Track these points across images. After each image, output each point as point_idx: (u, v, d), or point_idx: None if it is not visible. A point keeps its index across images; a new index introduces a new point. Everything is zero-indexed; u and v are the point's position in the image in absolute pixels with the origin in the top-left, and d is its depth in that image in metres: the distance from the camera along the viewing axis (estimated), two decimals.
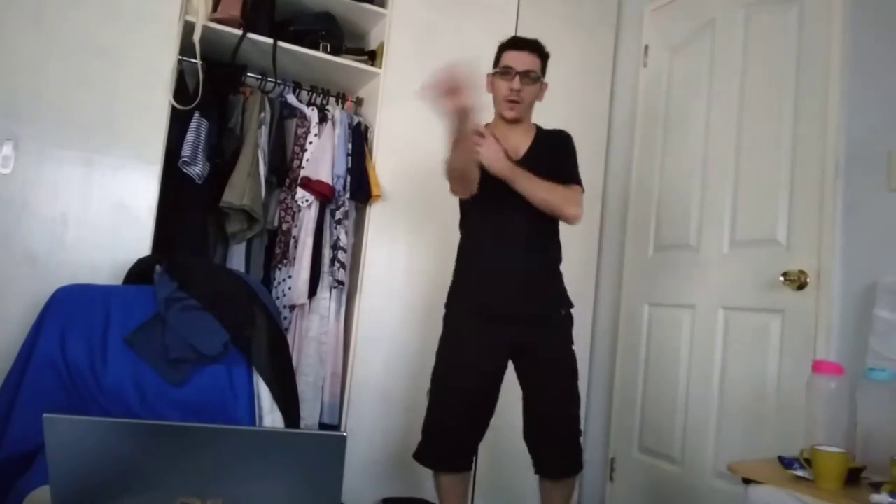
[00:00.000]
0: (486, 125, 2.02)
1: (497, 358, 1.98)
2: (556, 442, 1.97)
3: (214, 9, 2.29)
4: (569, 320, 2.05)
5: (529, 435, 2.00)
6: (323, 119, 2.49)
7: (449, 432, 1.97)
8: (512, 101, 1.96)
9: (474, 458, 2.05)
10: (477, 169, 1.87)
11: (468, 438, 1.99)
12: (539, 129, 2.09)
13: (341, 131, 2.48)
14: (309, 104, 2.56)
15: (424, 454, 1.99)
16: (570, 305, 2.07)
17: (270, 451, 1.01)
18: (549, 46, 2.59)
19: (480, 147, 1.83)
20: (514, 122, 2.01)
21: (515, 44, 2.01)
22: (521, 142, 2.02)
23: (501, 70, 1.98)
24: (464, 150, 1.77)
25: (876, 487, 1.37)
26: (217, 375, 1.79)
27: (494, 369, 1.99)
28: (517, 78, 1.95)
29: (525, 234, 1.96)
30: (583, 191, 2.01)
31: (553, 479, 2.00)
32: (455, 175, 1.89)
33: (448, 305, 2.07)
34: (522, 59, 1.96)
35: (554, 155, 2.02)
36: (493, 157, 1.85)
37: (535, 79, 1.97)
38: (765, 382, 2.16)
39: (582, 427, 2.08)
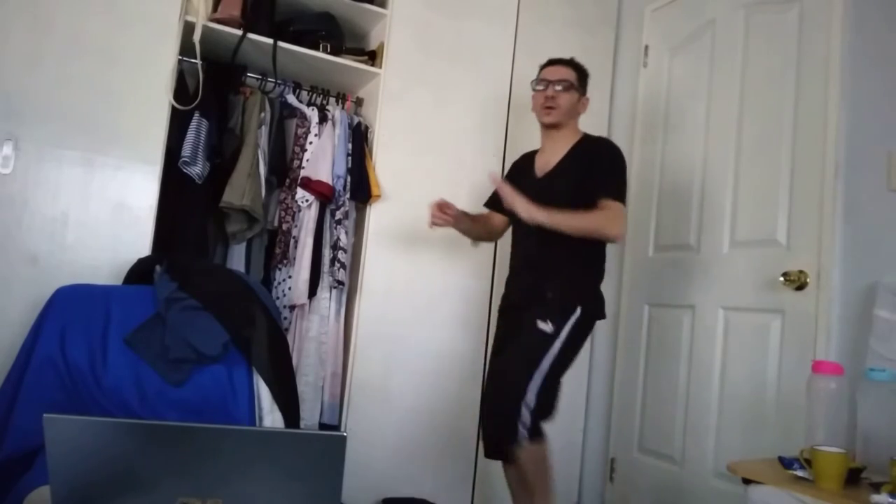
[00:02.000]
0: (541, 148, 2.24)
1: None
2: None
3: (214, 9, 2.29)
4: (554, 306, 1.99)
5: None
6: (323, 119, 2.49)
7: (483, 421, 2.13)
8: (548, 108, 2.11)
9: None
10: (487, 230, 2.34)
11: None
12: (581, 139, 2.15)
13: (341, 131, 2.48)
14: (309, 104, 2.56)
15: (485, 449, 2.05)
16: (565, 299, 2.00)
17: (270, 451, 1.00)
18: (549, 46, 2.60)
19: (514, 203, 1.95)
20: (553, 128, 2.14)
21: (550, 61, 2.21)
22: (557, 152, 2.14)
23: (538, 82, 2.17)
24: (466, 232, 2.29)
25: (876, 487, 1.37)
26: (217, 375, 1.79)
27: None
28: (551, 86, 2.12)
29: (534, 239, 2.06)
30: (622, 203, 1.99)
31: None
32: (476, 239, 2.40)
33: None
34: (556, 71, 2.16)
35: (586, 167, 2.06)
36: (524, 210, 1.93)
37: (568, 87, 2.11)
38: (765, 382, 2.16)
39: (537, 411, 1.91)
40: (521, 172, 2.24)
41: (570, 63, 2.18)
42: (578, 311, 1.99)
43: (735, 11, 2.49)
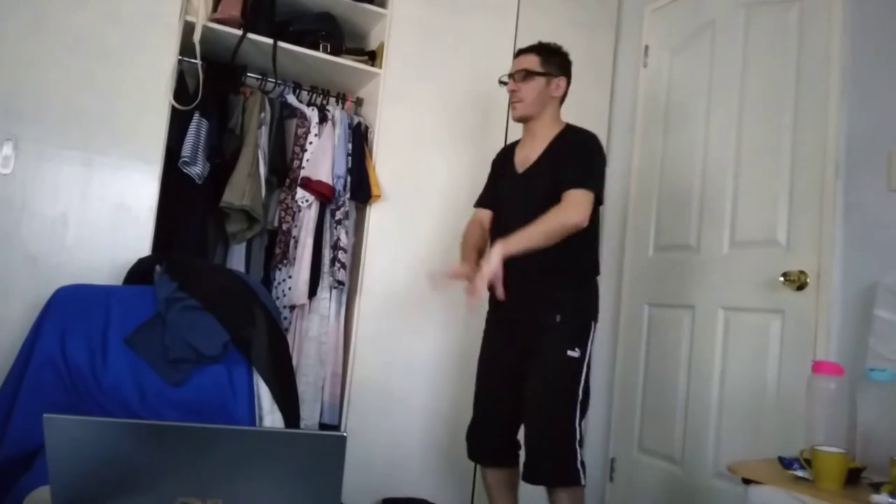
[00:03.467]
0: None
1: (505, 356, 2.02)
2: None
3: (214, 9, 2.29)
4: (565, 327, 1.91)
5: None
6: (323, 119, 2.49)
7: (476, 426, 2.07)
8: (513, 103, 2.06)
9: (516, 454, 2.02)
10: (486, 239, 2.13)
11: (495, 432, 2.03)
12: (562, 132, 2.03)
13: (341, 131, 2.48)
14: (309, 104, 2.56)
15: (468, 449, 2.09)
16: (568, 311, 1.92)
17: (270, 451, 1.00)
18: None
19: (486, 272, 1.78)
20: (525, 121, 2.08)
21: (518, 51, 2.12)
22: (536, 147, 2.04)
23: (503, 81, 2.12)
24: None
25: (876, 487, 1.37)
26: (217, 375, 1.79)
27: (505, 367, 2.01)
28: (511, 80, 2.06)
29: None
30: (590, 190, 1.89)
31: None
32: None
33: None
34: (517, 62, 2.08)
35: (564, 161, 1.95)
36: (492, 267, 1.78)
37: (526, 75, 2.02)
38: (765, 382, 2.16)
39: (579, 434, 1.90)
40: (503, 168, 2.15)
41: (533, 48, 2.05)
42: (593, 326, 1.98)
43: (735, 11, 2.49)
